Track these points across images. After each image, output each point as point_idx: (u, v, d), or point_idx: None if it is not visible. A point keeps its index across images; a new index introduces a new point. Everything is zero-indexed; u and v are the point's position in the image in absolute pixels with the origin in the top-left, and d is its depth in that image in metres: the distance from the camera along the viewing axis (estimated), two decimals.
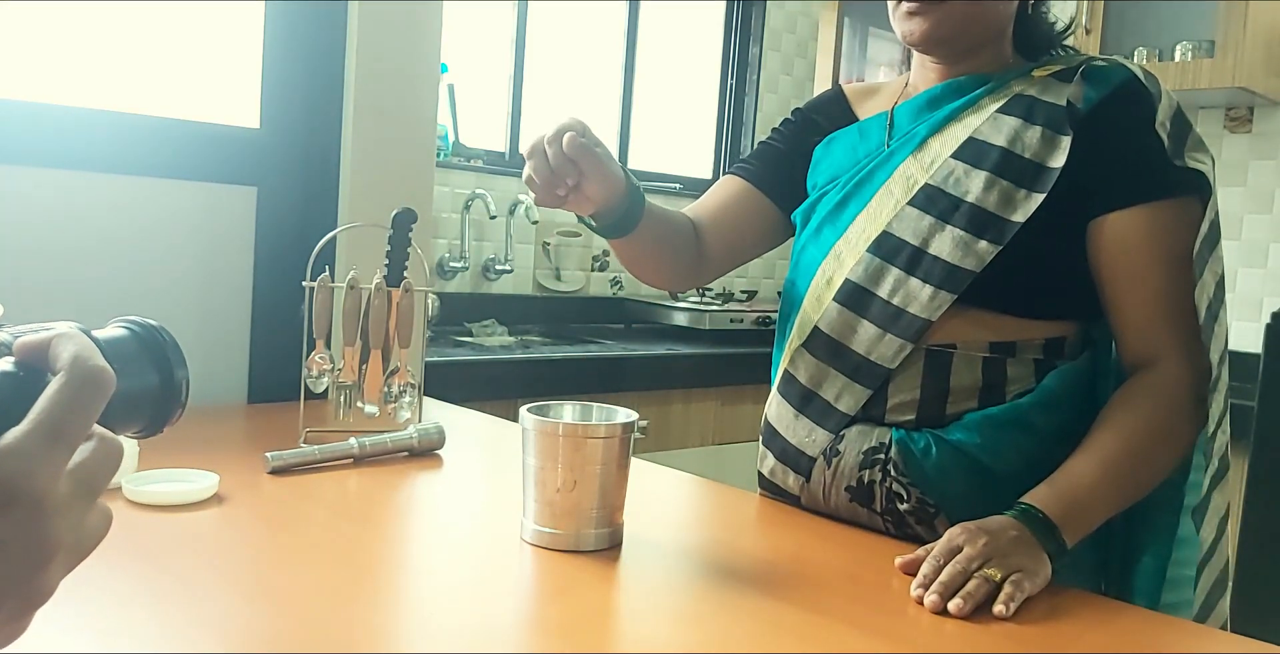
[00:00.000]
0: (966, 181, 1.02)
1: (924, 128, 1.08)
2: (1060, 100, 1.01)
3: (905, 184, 1.06)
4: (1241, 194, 2.73)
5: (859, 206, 1.08)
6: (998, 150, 1.02)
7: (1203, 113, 2.78)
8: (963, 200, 1.01)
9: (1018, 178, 1.00)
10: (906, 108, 1.12)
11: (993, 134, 1.03)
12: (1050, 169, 0.99)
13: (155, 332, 0.50)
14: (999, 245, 0.99)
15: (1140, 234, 0.99)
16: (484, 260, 2.80)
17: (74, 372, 0.41)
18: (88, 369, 0.41)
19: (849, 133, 1.17)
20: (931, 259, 1.01)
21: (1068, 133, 1.00)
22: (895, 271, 1.03)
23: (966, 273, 0.99)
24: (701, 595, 0.83)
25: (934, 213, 1.03)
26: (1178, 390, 0.97)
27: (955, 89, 1.08)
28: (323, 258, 1.36)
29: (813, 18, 3.61)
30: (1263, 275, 2.70)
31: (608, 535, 0.93)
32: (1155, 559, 1.02)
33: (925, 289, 1.01)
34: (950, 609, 0.81)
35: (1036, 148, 1.00)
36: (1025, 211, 0.99)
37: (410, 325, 1.31)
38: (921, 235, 1.02)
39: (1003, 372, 1.01)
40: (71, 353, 0.42)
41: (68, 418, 0.40)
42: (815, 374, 1.07)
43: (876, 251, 1.05)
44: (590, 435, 0.90)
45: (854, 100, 1.22)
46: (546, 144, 0.94)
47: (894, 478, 1.02)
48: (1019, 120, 1.02)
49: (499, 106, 2.92)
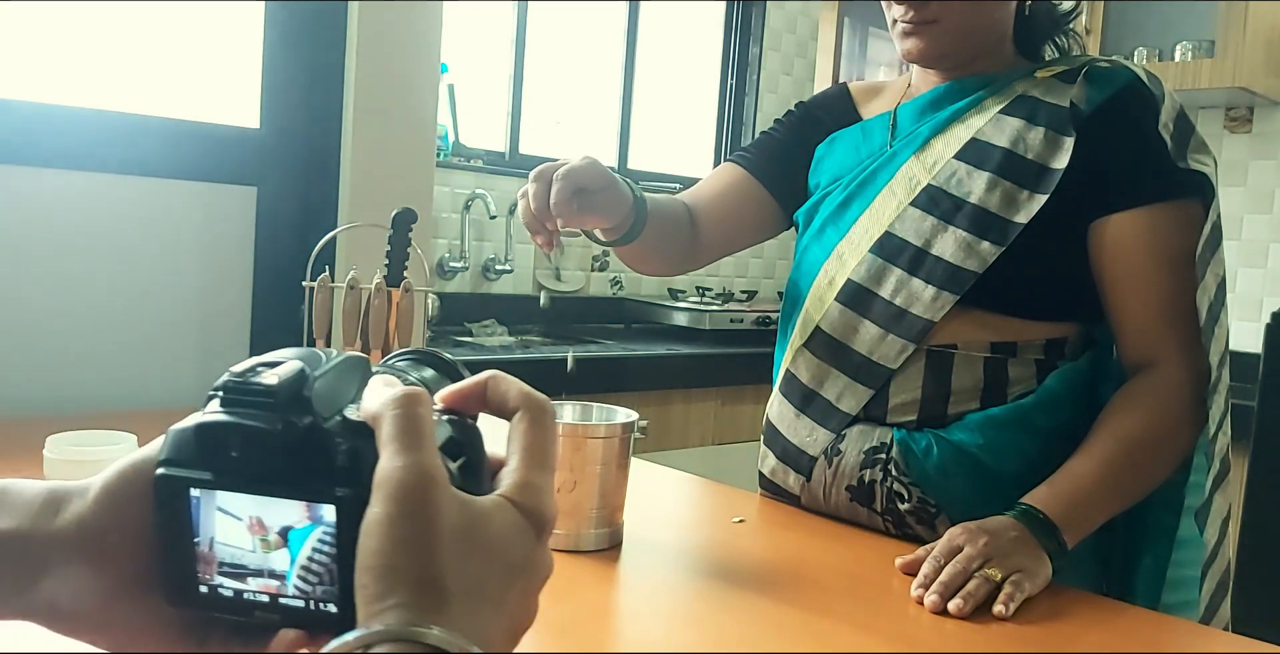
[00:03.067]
0: (969, 182, 1.02)
1: (927, 128, 1.07)
2: (1063, 102, 1.01)
3: (908, 185, 1.06)
4: (1241, 194, 2.73)
5: (862, 207, 1.08)
6: (1000, 151, 1.02)
7: (1203, 113, 2.77)
8: (965, 201, 1.01)
9: (1020, 179, 1.00)
10: (909, 108, 1.12)
11: (995, 135, 1.03)
12: (1053, 170, 0.99)
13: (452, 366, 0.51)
14: (1002, 246, 0.99)
15: (1142, 236, 0.99)
16: (484, 260, 2.80)
17: (531, 405, 0.44)
18: (540, 400, 0.44)
19: (852, 132, 1.16)
20: (934, 260, 1.01)
21: (1071, 134, 0.99)
22: (898, 272, 1.03)
23: (969, 274, 0.99)
24: (701, 595, 0.83)
25: (937, 213, 1.02)
26: (1178, 392, 0.97)
27: (958, 90, 1.08)
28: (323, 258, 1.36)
29: (813, 18, 3.61)
30: (1263, 275, 2.70)
31: (608, 535, 0.93)
32: (1156, 560, 1.02)
33: (928, 290, 1.01)
34: (950, 609, 0.81)
35: (1039, 149, 1.00)
36: (1028, 213, 0.99)
37: (410, 325, 1.31)
38: (924, 236, 1.02)
39: (1004, 372, 1.01)
40: (518, 389, 0.45)
41: (549, 447, 0.44)
42: (817, 374, 1.07)
43: (879, 252, 1.05)
44: (590, 435, 0.90)
45: (859, 99, 1.21)
46: (554, 178, 0.95)
47: (895, 478, 1.02)
48: (1022, 121, 1.02)
49: (499, 106, 2.92)
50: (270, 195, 1.59)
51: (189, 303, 1.53)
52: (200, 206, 1.54)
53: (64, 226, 1.42)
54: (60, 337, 1.42)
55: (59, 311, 1.42)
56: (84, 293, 1.44)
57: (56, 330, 1.42)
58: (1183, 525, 1.01)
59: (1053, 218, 0.98)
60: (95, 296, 1.45)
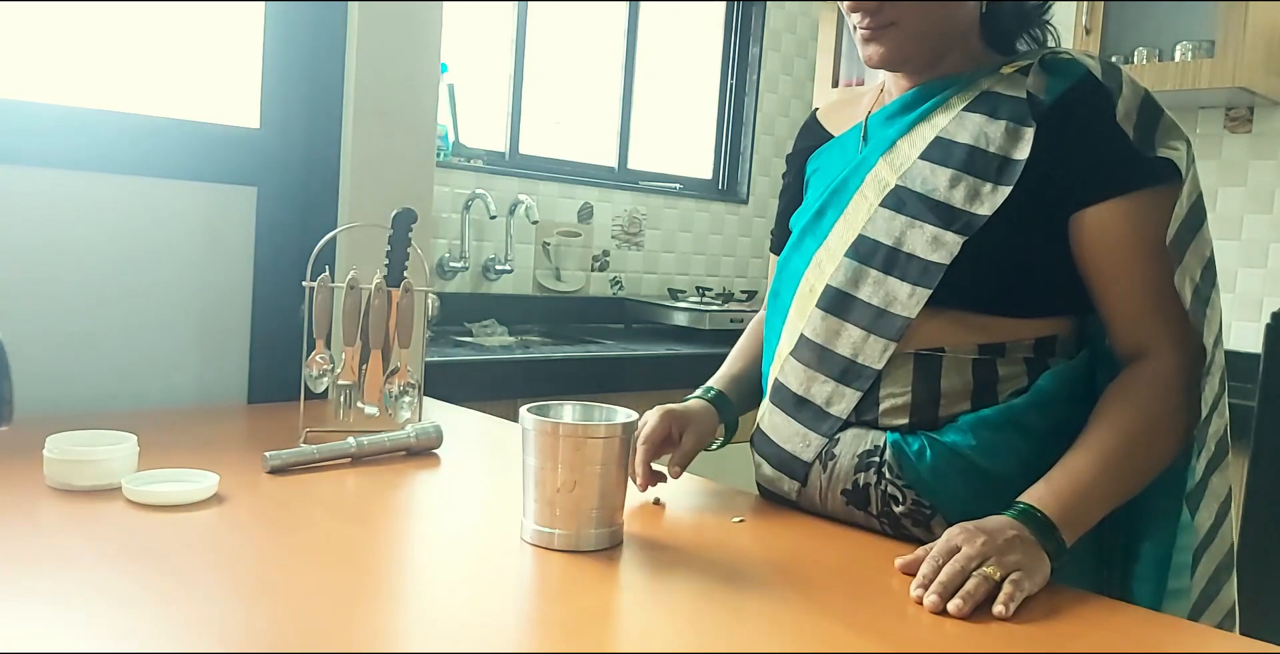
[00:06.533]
0: (934, 180, 1.02)
1: (894, 131, 1.08)
2: (1021, 93, 1.02)
3: (877, 186, 1.06)
4: (1241, 194, 2.73)
5: (836, 214, 1.09)
6: (963, 148, 1.02)
7: (1203, 113, 2.78)
8: (930, 198, 1.02)
9: (983, 172, 1.01)
10: (879, 115, 1.13)
11: (959, 132, 1.03)
12: (1015, 161, 0.99)
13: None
14: (965, 236, 0.99)
15: (1118, 227, 0.99)
16: (484, 260, 2.80)
17: None
18: None
19: (829, 149, 1.18)
20: (906, 257, 1.02)
21: (1031, 125, 1.00)
22: (874, 273, 1.03)
23: (938, 267, 1.00)
24: (701, 595, 0.83)
25: (906, 212, 1.03)
26: (1171, 380, 0.97)
27: (925, 94, 1.08)
28: (323, 258, 1.36)
29: (813, 18, 3.61)
30: (1263, 275, 2.69)
31: (608, 535, 0.93)
32: (1156, 545, 1.02)
33: (903, 287, 1.01)
34: (950, 610, 0.81)
35: (1001, 141, 1.01)
36: (992, 204, 0.99)
37: (410, 325, 1.31)
38: (894, 235, 1.03)
39: (993, 372, 1.01)
40: None
41: None
42: (805, 380, 1.08)
43: (854, 255, 1.05)
44: (590, 435, 0.90)
45: (826, 120, 1.24)
46: (635, 445, 1.08)
47: (889, 481, 1.02)
48: (984, 116, 1.02)
49: (499, 106, 2.92)
50: (270, 195, 1.59)
51: (189, 303, 1.53)
52: (200, 206, 1.54)
53: (64, 227, 1.42)
54: (60, 336, 1.42)
55: (59, 312, 1.42)
56: (84, 293, 1.44)
57: (56, 330, 1.42)
58: (1183, 511, 1.01)
59: (1023, 212, 0.99)
60: (95, 297, 1.45)
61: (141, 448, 1.08)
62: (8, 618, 0.69)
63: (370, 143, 1.66)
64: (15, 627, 0.69)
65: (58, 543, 0.87)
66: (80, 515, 0.95)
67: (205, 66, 1.58)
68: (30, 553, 0.83)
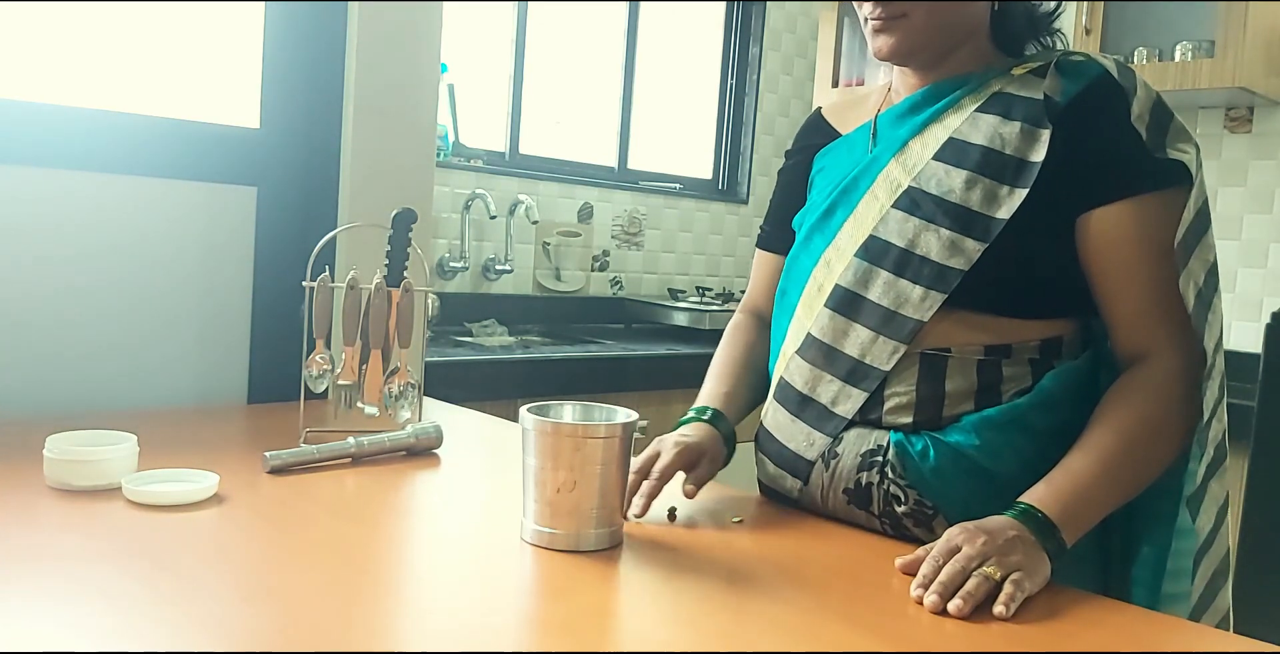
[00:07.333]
0: (949, 181, 1.02)
1: (905, 131, 1.08)
2: (1037, 95, 1.02)
3: (889, 187, 1.06)
4: (1241, 194, 2.73)
5: (846, 213, 1.09)
6: (978, 149, 1.02)
7: (1203, 113, 2.78)
8: (946, 200, 1.01)
9: (999, 174, 1.00)
10: (888, 115, 1.12)
11: (972, 133, 1.03)
12: (1031, 163, 0.99)
13: None
14: (985, 243, 0.99)
15: (1126, 229, 0.99)
16: (484, 260, 2.80)
17: None
18: None
19: (837, 147, 1.17)
20: (920, 260, 1.02)
21: (1047, 126, 1.00)
22: (885, 274, 1.03)
23: (955, 272, 0.99)
24: (701, 595, 0.83)
25: (919, 214, 1.03)
26: (1173, 383, 0.97)
27: (935, 94, 1.08)
28: (323, 258, 1.36)
29: (813, 18, 3.61)
30: (1263, 275, 2.69)
31: (608, 535, 0.93)
32: (1154, 549, 1.02)
33: (915, 290, 1.01)
34: (950, 610, 0.81)
35: (1016, 143, 1.01)
36: (1010, 207, 0.99)
37: (410, 325, 1.31)
38: (907, 237, 1.03)
39: (998, 372, 1.01)
40: None
41: None
42: (810, 379, 1.08)
43: (864, 255, 1.05)
44: (590, 435, 0.90)
45: (833, 118, 1.23)
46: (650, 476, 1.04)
47: (892, 480, 1.02)
48: (998, 117, 1.02)
49: (499, 106, 2.92)
50: (270, 195, 1.59)
51: (189, 303, 1.53)
52: (200, 206, 1.54)
53: (64, 227, 1.42)
54: (60, 337, 1.42)
55: (59, 312, 1.42)
56: (84, 293, 1.44)
57: (56, 330, 1.42)
58: (1181, 514, 1.01)
59: (1036, 214, 0.98)
60: (95, 296, 1.45)
61: (141, 448, 1.08)
62: (8, 618, 0.69)
63: (370, 143, 1.66)
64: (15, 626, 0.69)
65: (58, 543, 0.87)
66: (80, 515, 0.95)
67: (205, 66, 1.58)
68: (30, 553, 0.83)
